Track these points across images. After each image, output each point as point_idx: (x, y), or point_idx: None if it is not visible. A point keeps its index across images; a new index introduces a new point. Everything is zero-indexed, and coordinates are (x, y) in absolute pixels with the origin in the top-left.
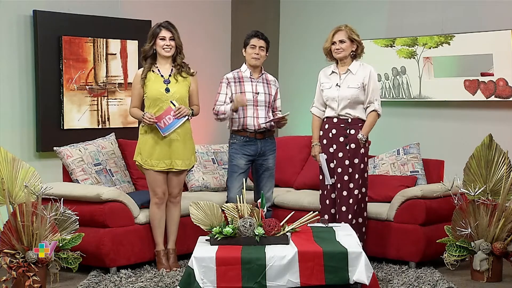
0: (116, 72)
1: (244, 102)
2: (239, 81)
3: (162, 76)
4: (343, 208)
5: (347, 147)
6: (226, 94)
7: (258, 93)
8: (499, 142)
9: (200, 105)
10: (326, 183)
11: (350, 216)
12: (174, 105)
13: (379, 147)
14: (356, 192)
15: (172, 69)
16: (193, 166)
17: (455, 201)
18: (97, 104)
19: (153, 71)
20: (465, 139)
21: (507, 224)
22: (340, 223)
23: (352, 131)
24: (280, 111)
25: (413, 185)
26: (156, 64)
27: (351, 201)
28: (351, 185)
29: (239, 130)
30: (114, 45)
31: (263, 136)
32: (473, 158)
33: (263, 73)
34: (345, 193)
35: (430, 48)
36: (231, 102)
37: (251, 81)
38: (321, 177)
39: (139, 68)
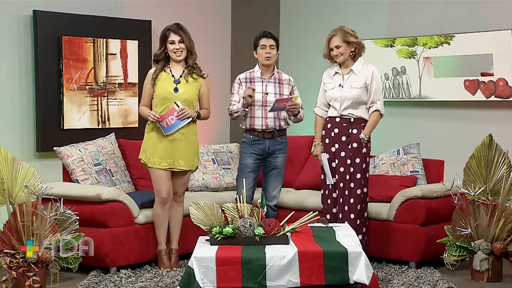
0: (116, 72)
1: (249, 93)
2: (250, 82)
3: (173, 76)
4: (346, 208)
5: (349, 147)
6: (239, 94)
7: (267, 94)
8: (499, 142)
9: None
10: (327, 183)
11: (352, 216)
12: (178, 106)
13: (379, 147)
14: (358, 192)
15: (184, 70)
16: (197, 167)
17: (455, 201)
18: (97, 104)
19: (165, 71)
20: (465, 139)
21: (507, 224)
22: (344, 222)
23: (354, 131)
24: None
25: (413, 185)
26: (169, 65)
27: (352, 200)
28: (352, 185)
29: (249, 129)
30: (114, 45)
31: (272, 136)
32: (473, 158)
33: (274, 73)
34: (346, 192)
35: (430, 48)
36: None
37: (262, 81)
38: (322, 176)
39: (140, 68)
